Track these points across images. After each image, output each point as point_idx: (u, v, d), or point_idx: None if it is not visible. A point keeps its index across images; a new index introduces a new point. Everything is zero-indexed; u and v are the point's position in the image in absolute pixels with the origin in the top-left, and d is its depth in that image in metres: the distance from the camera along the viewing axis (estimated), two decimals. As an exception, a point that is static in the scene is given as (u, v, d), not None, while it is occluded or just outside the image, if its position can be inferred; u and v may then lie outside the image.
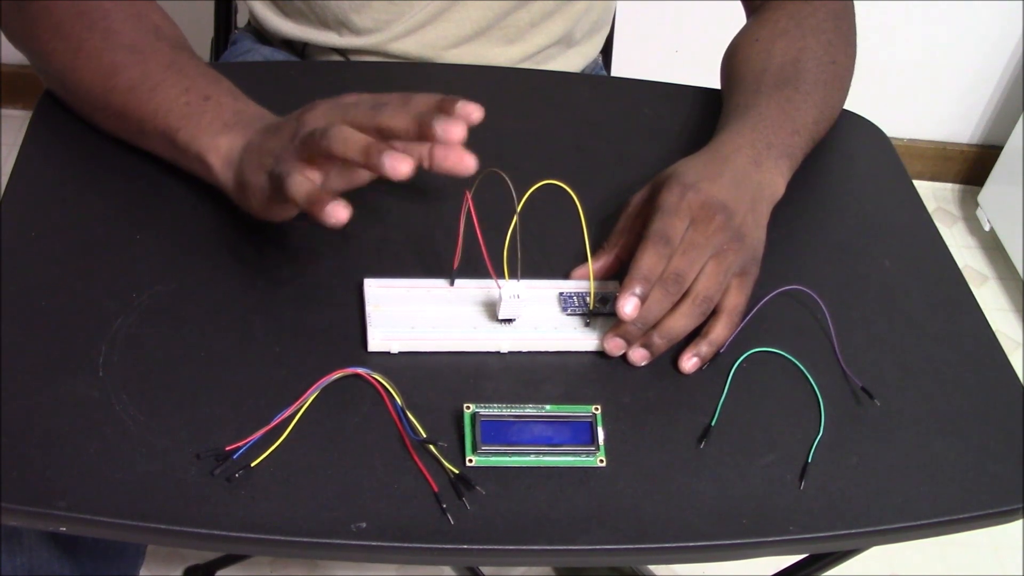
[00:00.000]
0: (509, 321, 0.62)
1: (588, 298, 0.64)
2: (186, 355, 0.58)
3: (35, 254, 0.62)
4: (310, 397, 0.57)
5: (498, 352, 0.61)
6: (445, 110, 0.54)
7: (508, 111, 0.80)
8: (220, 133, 0.64)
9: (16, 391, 0.55)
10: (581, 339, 0.62)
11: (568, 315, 0.63)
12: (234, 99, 0.66)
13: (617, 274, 0.65)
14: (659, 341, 0.61)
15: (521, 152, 0.76)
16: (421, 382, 0.59)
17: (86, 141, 0.70)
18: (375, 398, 0.58)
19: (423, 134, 0.54)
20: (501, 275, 0.61)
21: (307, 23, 0.88)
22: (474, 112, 0.54)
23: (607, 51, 1.08)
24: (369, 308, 0.61)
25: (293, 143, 0.58)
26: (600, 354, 0.62)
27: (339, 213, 0.54)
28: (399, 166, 0.52)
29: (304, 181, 0.56)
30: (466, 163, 0.54)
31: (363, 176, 0.63)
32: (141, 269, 0.62)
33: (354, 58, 0.88)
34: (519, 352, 0.62)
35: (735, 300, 0.63)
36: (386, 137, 0.55)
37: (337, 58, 0.89)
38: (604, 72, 1.05)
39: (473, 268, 0.61)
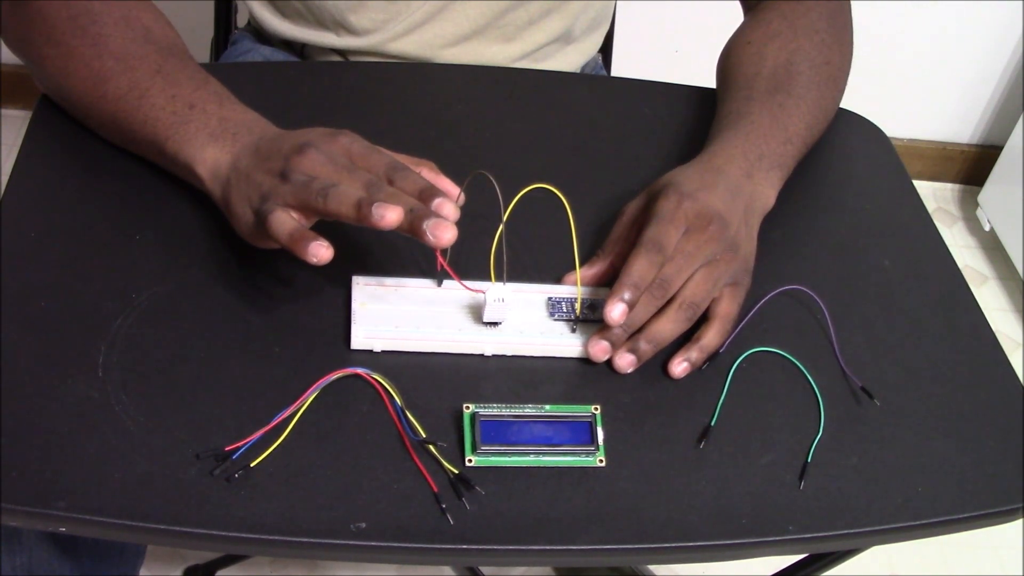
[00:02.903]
0: (495, 324, 0.62)
1: (576, 304, 0.63)
2: (186, 355, 0.58)
3: (35, 254, 0.62)
4: (310, 397, 0.57)
5: (482, 355, 0.61)
6: (427, 202, 0.57)
7: (506, 111, 0.80)
8: (207, 144, 0.64)
9: (16, 391, 0.55)
10: (566, 345, 0.62)
11: (555, 320, 0.63)
12: (219, 106, 0.66)
13: (610, 281, 0.64)
14: (645, 346, 0.61)
15: (519, 153, 0.76)
16: (421, 382, 0.59)
17: (86, 141, 0.70)
18: (375, 398, 0.58)
19: (412, 229, 0.56)
20: (487, 278, 0.61)
21: (305, 24, 0.88)
22: (451, 214, 0.56)
23: (607, 51, 1.07)
24: (355, 305, 0.61)
25: (284, 185, 0.58)
26: (595, 356, 0.62)
27: (321, 253, 0.55)
28: (386, 214, 0.55)
29: (287, 219, 0.57)
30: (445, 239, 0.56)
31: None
32: (141, 269, 0.62)
33: (353, 58, 0.88)
34: (503, 356, 0.61)
35: (727, 308, 0.63)
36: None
37: (336, 58, 0.89)
38: (604, 72, 1.05)
39: (463, 270, 0.61)
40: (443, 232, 0.55)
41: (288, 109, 0.66)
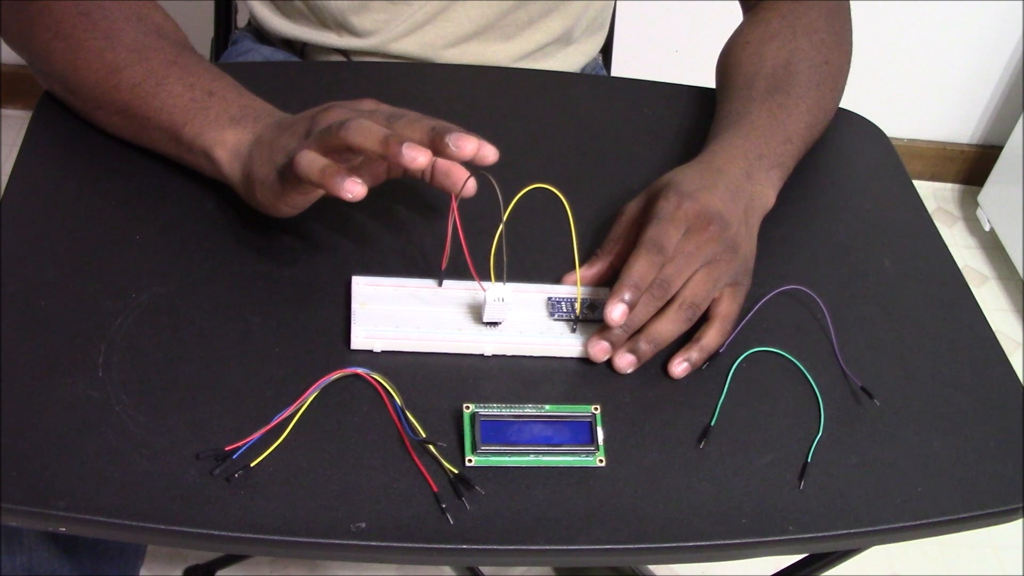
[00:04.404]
0: (495, 324, 0.62)
1: (576, 304, 0.63)
2: (186, 355, 0.58)
3: (35, 254, 0.62)
4: (310, 397, 0.57)
5: (482, 355, 0.61)
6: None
7: (507, 111, 0.80)
8: (227, 127, 0.64)
9: (16, 391, 0.55)
10: (567, 345, 0.62)
11: (555, 320, 0.63)
12: (239, 94, 0.67)
13: (610, 281, 0.65)
14: (645, 346, 0.61)
15: (519, 152, 0.76)
16: (421, 382, 0.59)
17: (86, 141, 0.70)
18: (375, 398, 0.58)
19: (435, 147, 0.55)
20: (487, 278, 0.61)
21: (306, 24, 0.88)
22: (490, 155, 0.56)
23: (607, 51, 1.08)
24: (355, 305, 0.61)
25: (306, 141, 0.58)
26: (595, 355, 0.62)
27: (356, 189, 0.54)
28: (417, 155, 0.54)
29: (315, 157, 0.56)
30: (468, 186, 0.59)
31: (376, 172, 0.63)
32: (141, 269, 0.62)
33: (354, 58, 0.88)
34: (503, 356, 0.61)
35: (728, 308, 0.63)
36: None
37: (337, 58, 0.89)
38: (604, 72, 1.05)
39: (463, 270, 0.61)
40: (465, 143, 0.54)
41: (288, 109, 0.66)
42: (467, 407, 0.57)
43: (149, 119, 0.66)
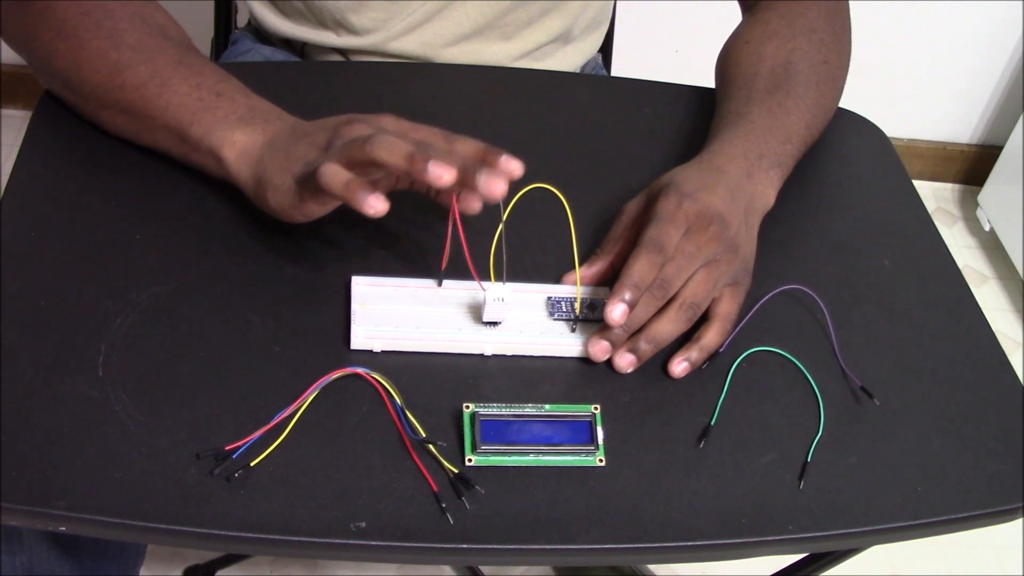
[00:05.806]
0: (494, 324, 0.62)
1: (575, 303, 0.63)
2: (186, 355, 0.58)
3: (35, 254, 0.62)
4: (309, 397, 0.57)
5: (482, 355, 0.61)
6: (489, 161, 0.57)
7: (507, 111, 0.80)
8: (236, 127, 0.64)
9: (16, 391, 0.55)
10: (566, 344, 0.62)
11: (555, 320, 0.63)
12: (246, 96, 0.67)
13: (610, 281, 0.65)
14: (645, 346, 0.61)
15: (519, 153, 0.76)
16: (421, 382, 0.59)
17: (86, 141, 0.70)
18: (375, 398, 0.58)
19: (465, 181, 0.55)
20: (486, 278, 0.61)
21: (306, 23, 0.88)
22: (516, 169, 0.56)
23: (607, 51, 1.08)
24: (355, 306, 0.61)
25: (329, 152, 0.58)
26: (594, 355, 0.62)
27: (379, 205, 0.55)
28: (443, 173, 0.54)
29: (340, 171, 0.56)
30: (474, 208, 0.58)
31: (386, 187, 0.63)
32: (141, 269, 0.62)
33: (353, 57, 0.88)
34: (503, 355, 0.61)
35: (727, 308, 0.64)
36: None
37: (337, 58, 0.89)
38: (604, 72, 1.05)
39: (463, 270, 0.61)
40: (495, 186, 0.54)
41: (288, 109, 0.66)
42: (467, 407, 0.57)
43: (154, 118, 0.66)
